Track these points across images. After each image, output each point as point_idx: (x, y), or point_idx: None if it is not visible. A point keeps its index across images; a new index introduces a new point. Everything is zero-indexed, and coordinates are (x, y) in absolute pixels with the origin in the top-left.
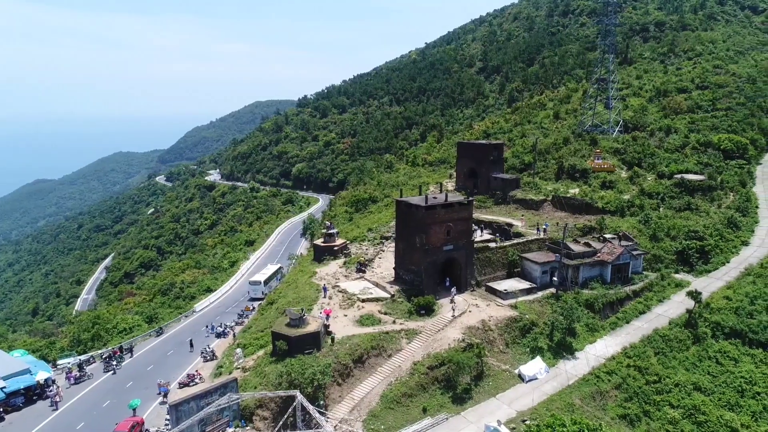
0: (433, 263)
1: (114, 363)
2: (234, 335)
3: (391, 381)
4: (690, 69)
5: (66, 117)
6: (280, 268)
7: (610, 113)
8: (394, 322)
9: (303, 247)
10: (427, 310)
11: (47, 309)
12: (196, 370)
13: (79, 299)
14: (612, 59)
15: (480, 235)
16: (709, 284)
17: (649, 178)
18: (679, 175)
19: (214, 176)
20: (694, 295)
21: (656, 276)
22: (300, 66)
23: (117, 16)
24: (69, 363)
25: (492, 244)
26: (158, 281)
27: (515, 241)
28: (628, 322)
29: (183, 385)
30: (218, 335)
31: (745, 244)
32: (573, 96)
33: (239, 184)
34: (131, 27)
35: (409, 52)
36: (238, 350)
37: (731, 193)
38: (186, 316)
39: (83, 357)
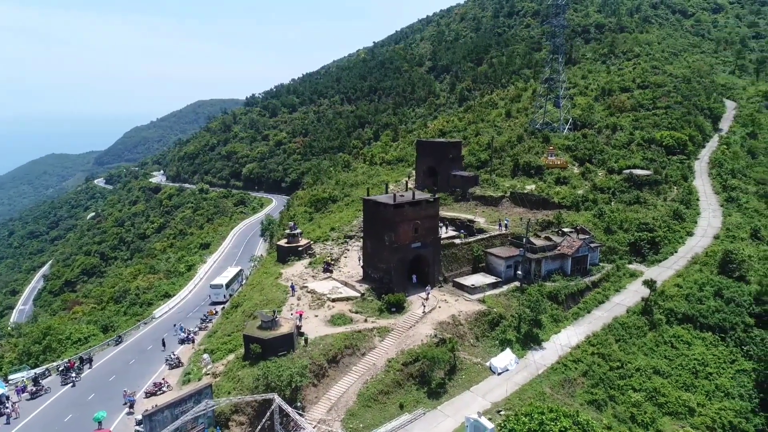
0: (402, 261)
1: (73, 375)
2: (192, 341)
3: (366, 379)
4: (630, 69)
5: None
6: (240, 270)
7: (560, 112)
8: (365, 320)
9: (262, 248)
10: (397, 308)
11: None
12: (163, 378)
13: (14, 310)
14: (560, 60)
15: (445, 232)
16: (660, 273)
17: (600, 174)
18: (627, 171)
19: (158, 178)
20: (650, 284)
21: (612, 267)
22: (245, 65)
23: (44, 10)
24: (22, 377)
25: (457, 241)
26: (106, 288)
27: (479, 237)
28: (589, 312)
29: (150, 394)
30: (182, 341)
31: (690, 234)
32: (523, 95)
33: (187, 185)
34: (66, 22)
35: (357, 51)
36: (205, 356)
37: (675, 187)
38: (145, 323)
39: (38, 370)
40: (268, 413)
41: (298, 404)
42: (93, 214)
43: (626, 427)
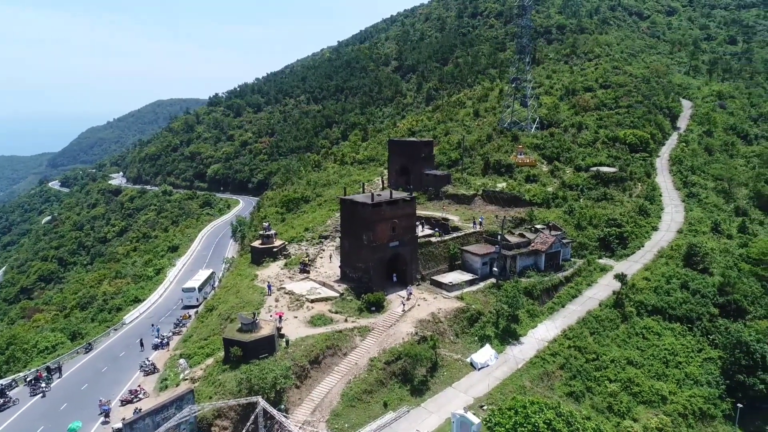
0: (381, 260)
1: (42, 385)
2: (167, 345)
3: (349, 379)
4: (593, 69)
5: None
6: (213, 273)
7: (528, 111)
8: (346, 320)
9: (232, 250)
10: (377, 307)
11: None
12: (139, 385)
13: None
14: (527, 60)
15: (421, 231)
16: (629, 267)
17: (568, 172)
18: (594, 168)
19: (118, 180)
20: (621, 277)
21: (583, 262)
22: (204, 64)
23: None
24: None
25: (434, 239)
26: (68, 295)
27: (454, 235)
28: (563, 306)
29: (126, 402)
30: (155, 346)
31: (655, 229)
32: (490, 94)
33: (149, 187)
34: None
35: (322, 50)
36: (182, 361)
37: (639, 184)
38: (115, 329)
39: (4, 381)
40: (253, 417)
41: (282, 407)
42: (49, 217)
43: (604, 417)
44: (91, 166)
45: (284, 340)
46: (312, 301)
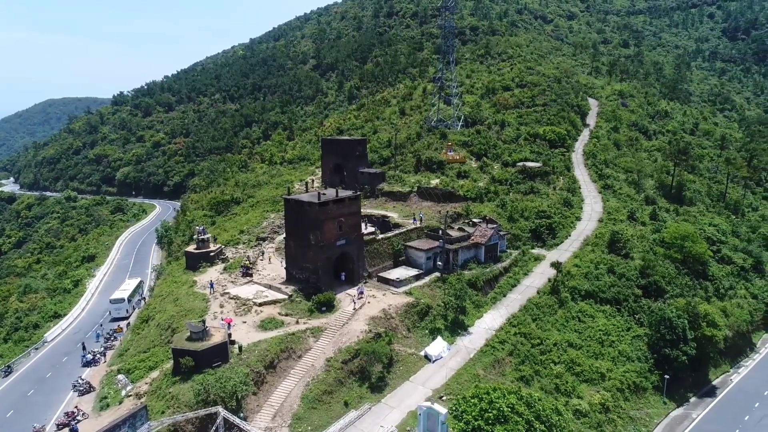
0: (329, 259)
1: None
2: (99, 362)
3: (307, 381)
4: (509, 69)
5: None
6: (141, 281)
7: (454, 109)
8: (297, 322)
9: (157, 257)
10: (328, 307)
11: None
12: (75, 406)
13: None
14: (451, 59)
15: (365, 229)
16: (560, 255)
17: (496, 167)
18: (521, 163)
19: (10, 186)
20: (557, 265)
21: (519, 252)
22: (99, 61)
23: None
24: None
25: (379, 236)
26: None
27: (397, 231)
28: (505, 296)
29: (62, 425)
30: (87, 363)
31: (579, 219)
32: (414, 93)
33: (49, 193)
34: None
35: (233, 47)
36: (120, 376)
37: (561, 177)
38: (36, 348)
39: None
40: (213, 428)
41: (241, 415)
42: None
43: (553, 397)
44: None
45: (236, 346)
46: (260, 304)
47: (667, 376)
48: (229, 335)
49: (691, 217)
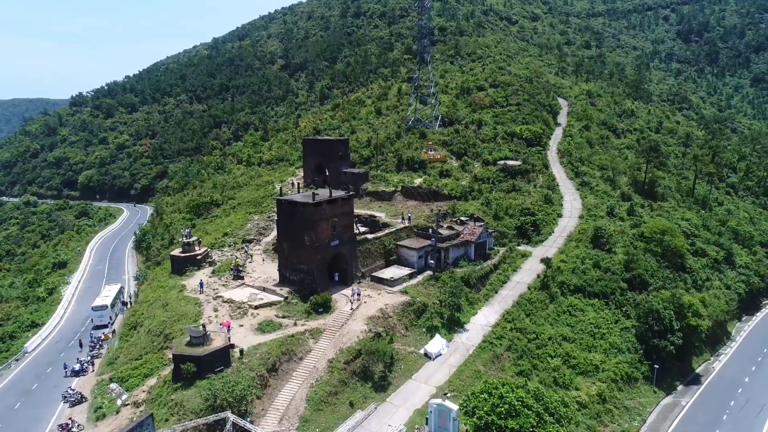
0: (323, 260)
1: None
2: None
3: (311, 383)
4: (481, 69)
5: None
6: (121, 287)
7: (432, 109)
8: (295, 324)
9: (132, 261)
10: (325, 308)
11: None
12: (70, 418)
13: None
14: (429, 59)
15: (356, 229)
16: (546, 251)
17: (477, 166)
18: (501, 162)
19: None
20: (546, 261)
21: (506, 249)
22: (51, 61)
23: None
24: None
25: (370, 236)
26: None
27: (387, 231)
28: (497, 292)
29: None
30: (75, 373)
31: (560, 216)
32: (389, 93)
33: (6, 198)
34: None
35: (195, 47)
36: (113, 385)
37: (540, 175)
38: (17, 360)
39: None
40: None
41: (248, 419)
42: None
43: (552, 390)
44: None
45: (237, 350)
46: (256, 307)
47: (656, 366)
48: (229, 339)
49: (664, 212)
